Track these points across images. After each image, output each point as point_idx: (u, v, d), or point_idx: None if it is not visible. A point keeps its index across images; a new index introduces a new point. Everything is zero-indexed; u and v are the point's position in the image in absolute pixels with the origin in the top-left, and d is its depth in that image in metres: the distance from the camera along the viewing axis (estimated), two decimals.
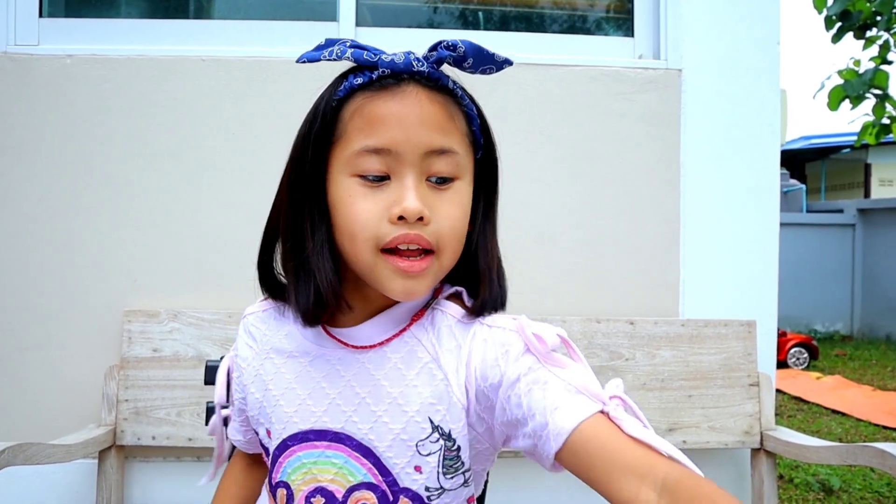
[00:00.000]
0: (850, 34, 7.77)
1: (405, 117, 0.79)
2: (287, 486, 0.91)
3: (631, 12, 2.14)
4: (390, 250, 0.80)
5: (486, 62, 0.85)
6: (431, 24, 2.28)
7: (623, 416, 0.75)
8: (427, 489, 0.85)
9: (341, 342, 0.88)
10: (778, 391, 5.30)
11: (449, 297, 0.91)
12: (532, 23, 2.25)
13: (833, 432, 4.39)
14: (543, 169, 2.03)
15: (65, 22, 2.03)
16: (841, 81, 8.22)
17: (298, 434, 0.89)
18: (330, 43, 0.84)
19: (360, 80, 0.81)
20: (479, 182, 0.89)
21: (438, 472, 0.85)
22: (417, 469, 0.85)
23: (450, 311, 0.88)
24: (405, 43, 2.02)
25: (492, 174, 0.91)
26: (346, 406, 0.86)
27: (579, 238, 2.04)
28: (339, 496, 0.88)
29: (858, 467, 3.60)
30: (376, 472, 0.85)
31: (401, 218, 0.78)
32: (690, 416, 1.95)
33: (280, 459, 0.91)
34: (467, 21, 2.28)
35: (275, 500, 0.93)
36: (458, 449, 0.85)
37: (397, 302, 0.87)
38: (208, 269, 1.93)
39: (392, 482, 0.85)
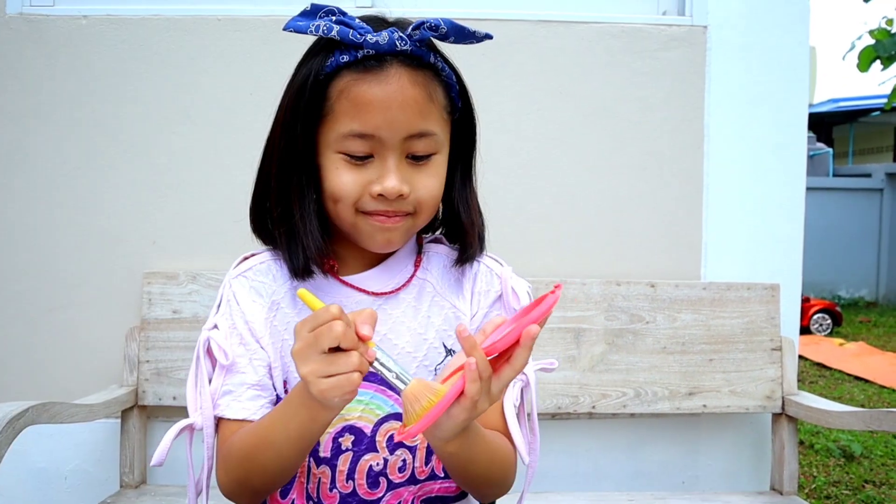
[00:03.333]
0: None
1: (388, 103, 0.86)
2: None
3: None
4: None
5: (467, 38, 0.92)
6: None
7: (509, 394, 0.95)
8: None
9: (359, 289, 0.96)
10: (800, 357, 5.25)
11: (432, 242, 1.06)
12: None
13: (855, 399, 4.37)
14: (563, 128, 2.00)
15: None
16: (872, 41, 8.00)
17: None
18: (316, 10, 0.90)
19: (346, 59, 0.88)
20: (456, 142, 0.97)
21: None
22: None
23: (441, 252, 1.04)
24: (423, 13, 1.98)
25: (469, 135, 0.99)
26: None
27: (600, 199, 2.00)
28: (368, 431, 0.93)
29: (880, 434, 3.57)
30: None
31: (380, 195, 0.88)
32: (711, 381, 1.93)
33: None
34: None
35: None
36: None
37: (391, 254, 0.99)
38: (226, 230, 1.92)
39: None
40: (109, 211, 1.95)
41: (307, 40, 0.96)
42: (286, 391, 0.95)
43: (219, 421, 0.94)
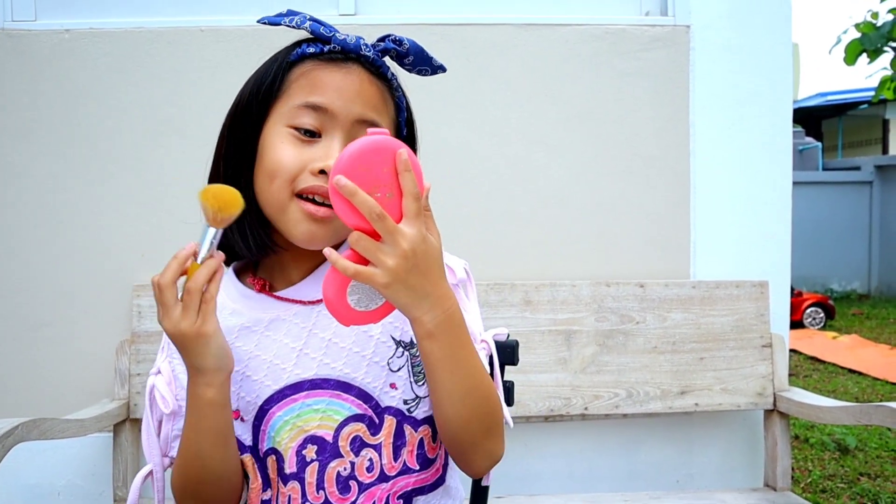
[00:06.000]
0: None
1: (346, 87, 0.89)
2: (275, 451, 0.93)
3: None
4: (303, 196, 0.88)
5: (424, 63, 0.96)
6: None
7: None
8: (405, 402, 0.94)
9: (293, 301, 0.95)
10: (793, 351, 5.28)
11: None
12: None
13: (849, 392, 4.38)
14: (548, 131, 2.00)
15: None
16: (858, 35, 8.04)
17: (274, 395, 0.93)
18: (291, 13, 0.92)
19: (312, 49, 0.91)
20: None
21: (411, 383, 0.94)
22: (392, 386, 0.93)
23: None
24: (405, 7, 1.99)
25: None
26: (314, 353, 0.93)
27: (587, 201, 2.01)
28: (330, 438, 0.92)
29: (875, 427, 3.59)
30: (360, 402, 0.92)
31: (322, 172, 0.86)
32: (702, 379, 1.94)
33: (262, 428, 0.93)
34: None
35: (262, 475, 0.95)
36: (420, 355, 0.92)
37: (323, 261, 0.95)
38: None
39: (375, 406, 0.92)
40: (97, 225, 1.94)
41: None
42: (240, 419, 0.95)
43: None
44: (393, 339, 0.95)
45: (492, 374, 0.98)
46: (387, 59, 0.95)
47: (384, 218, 0.75)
